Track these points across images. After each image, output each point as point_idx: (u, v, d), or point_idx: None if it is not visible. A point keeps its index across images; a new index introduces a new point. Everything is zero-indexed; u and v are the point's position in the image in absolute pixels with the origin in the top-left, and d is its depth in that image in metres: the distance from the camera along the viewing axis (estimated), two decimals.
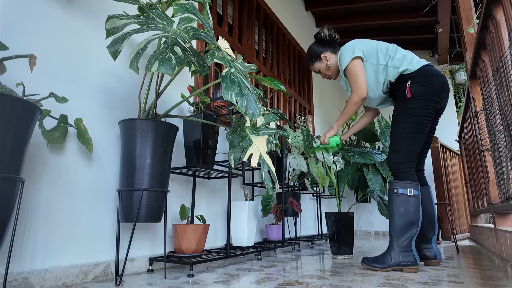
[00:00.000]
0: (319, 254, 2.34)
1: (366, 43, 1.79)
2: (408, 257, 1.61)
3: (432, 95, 1.67)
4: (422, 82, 1.68)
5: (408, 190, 1.65)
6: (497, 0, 1.37)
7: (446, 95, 1.73)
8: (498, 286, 1.26)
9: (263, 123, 1.61)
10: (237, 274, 1.54)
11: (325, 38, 1.92)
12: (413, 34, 4.80)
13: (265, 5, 3.43)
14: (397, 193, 1.66)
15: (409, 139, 1.68)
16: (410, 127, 1.68)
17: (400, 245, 1.62)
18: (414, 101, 1.68)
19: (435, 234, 1.83)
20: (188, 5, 1.29)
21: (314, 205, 3.93)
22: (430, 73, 1.69)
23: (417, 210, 1.63)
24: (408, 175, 1.69)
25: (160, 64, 1.06)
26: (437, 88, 1.68)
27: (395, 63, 1.73)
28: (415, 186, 1.66)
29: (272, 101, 3.46)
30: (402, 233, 1.63)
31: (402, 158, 1.69)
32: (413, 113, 1.68)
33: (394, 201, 1.67)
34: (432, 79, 1.68)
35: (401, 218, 1.63)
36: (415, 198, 1.64)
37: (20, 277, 1.15)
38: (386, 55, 1.75)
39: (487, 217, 5.17)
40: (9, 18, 1.23)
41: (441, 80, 1.70)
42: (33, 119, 0.99)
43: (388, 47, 1.78)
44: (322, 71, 1.96)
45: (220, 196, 2.29)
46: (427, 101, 1.67)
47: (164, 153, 1.40)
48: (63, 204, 1.34)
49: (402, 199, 1.65)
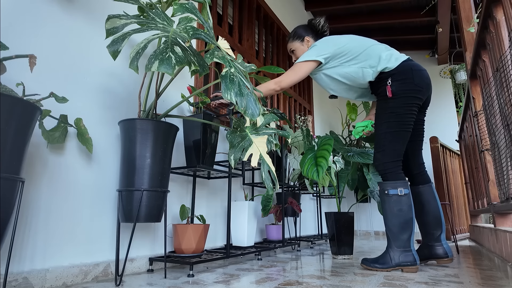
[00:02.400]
0: (319, 254, 2.34)
1: (337, 44, 1.77)
2: (408, 257, 1.60)
3: (414, 92, 1.67)
4: (402, 79, 1.68)
5: (399, 190, 1.64)
6: (497, 0, 1.37)
7: (427, 88, 1.72)
8: (498, 286, 1.26)
9: (263, 123, 1.61)
10: (237, 274, 1.54)
11: (317, 26, 1.93)
12: (413, 34, 4.80)
13: (265, 5, 3.43)
14: (388, 194, 1.66)
15: (393, 138, 1.68)
16: (393, 126, 1.68)
17: (400, 245, 1.62)
18: (395, 99, 1.68)
19: (443, 232, 1.81)
20: (188, 5, 1.29)
21: (314, 205, 3.93)
22: (410, 69, 1.69)
23: (410, 209, 1.63)
24: (395, 174, 1.68)
25: (160, 64, 1.06)
26: (417, 84, 1.67)
27: (371, 63, 1.72)
28: (404, 185, 1.65)
29: (272, 101, 3.46)
30: (399, 233, 1.62)
31: (388, 158, 1.69)
32: (395, 112, 1.68)
33: (387, 202, 1.66)
34: (412, 75, 1.67)
35: (396, 218, 1.63)
36: (407, 197, 1.64)
37: (20, 277, 1.15)
38: (359, 56, 1.74)
39: (487, 217, 5.17)
40: (9, 18, 1.23)
41: (421, 75, 1.70)
42: (33, 119, 0.99)
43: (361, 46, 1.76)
44: (296, 52, 1.96)
45: (220, 196, 2.29)
46: (409, 99, 1.67)
47: (164, 153, 1.40)
48: (63, 204, 1.34)
49: (394, 199, 1.64)
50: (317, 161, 2.02)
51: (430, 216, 1.83)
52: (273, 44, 3.64)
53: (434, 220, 1.82)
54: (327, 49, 1.76)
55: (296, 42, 1.95)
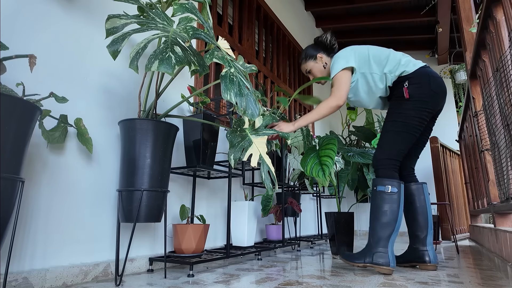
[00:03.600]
0: (319, 254, 2.34)
1: (359, 52, 1.77)
2: (381, 257, 1.54)
3: (428, 97, 1.65)
4: (418, 83, 1.66)
5: (386, 187, 1.60)
6: (497, 0, 1.37)
7: (442, 96, 1.71)
8: (498, 286, 1.26)
9: (262, 123, 1.61)
10: (237, 274, 1.54)
11: (325, 42, 1.91)
12: (413, 34, 4.80)
13: (265, 5, 3.43)
14: (376, 190, 1.63)
15: (395, 137, 1.66)
16: (398, 126, 1.66)
17: (376, 243, 1.57)
18: (409, 102, 1.66)
19: (429, 235, 1.72)
20: (188, 5, 1.29)
21: (314, 205, 3.93)
22: (427, 75, 1.67)
23: (395, 209, 1.57)
24: (387, 171, 1.65)
25: (160, 64, 1.06)
26: (434, 89, 1.66)
27: (391, 69, 1.72)
28: (393, 183, 1.60)
29: (272, 101, 3.46)
30: (378, 231, 1.58)
31: (384, 155, 1.67)
32: (405, 113, 1.66)
33: (373, 199, 1.64)
34: (429, 81, 1.66)
35: (378, 216, 1.59)
36: (393, 196, 1.59)
37: (20, 277, 1.15)
38: (380, 63, 1.73)
39: (487, 217, 5.17)
40: (9, 18, 1.23)
41: (438, 82, 1.68)
42: (33, 119, 0.99)
43: (381, 54, 1.75)
44: (313, 71, 1.94)
45: (220, 196, 2.29)
46: (422, 103, 1.65)
47: (164, 153, 1.40)
48: (63, 204, 1.34)
49: (381, 196, 1.61)
50: (322, 160, 2.00)
51: (417, 215, 1.76)
52: (273, 44, 3.64)
53: (421, 221, 1.75)
54: (352, 55, 1.76)
55: (310, 62, 1.94)
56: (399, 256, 1.79)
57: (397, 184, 1.60)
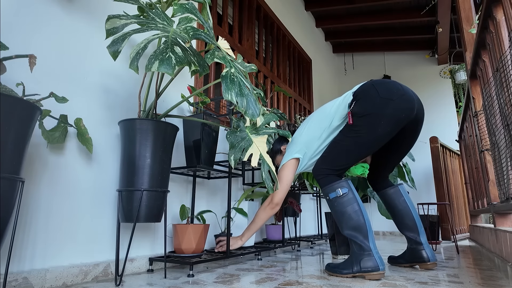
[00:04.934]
0: (319, 254, 2.34)
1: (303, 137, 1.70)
2: (368, 262, 1.43)
3: (380, 108, 1.48)
4: (364, 97, 1.52)
5: (337, 192, 1.51)
6: (497, 0, 1.37)
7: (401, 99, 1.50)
8: (498, 286, 1.26)
9: (263, 123, 1.61)
10: (237, 274, 1.54)
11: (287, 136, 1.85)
12: (413, 34, 4.81)
13: (265, 5, 3.43)
14: (329, 198, 1.54)
15: (340, 152, 1.56)
16: (347, 141, 1.54)
17: (357, 248, 1.48)
18: (358, 118, 1.51)
19: (421, 234, 1.70)
20: (188, 5, 1.29)
21: (314, 205, 3.93)
22: (371, 85, 1.55)
23: (356, 208, 1.49)
24: (329, 177, 1.56)
25: (160, 64, 1.06)
26: (384, 97, 1.49)
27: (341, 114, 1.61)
28: (340, 184, 1.52)
29: (272, 101, 3.46)
30: (354, 236, 1.48)
31: (325, 165, 1.58)
32: (354, 129, 1.52)
33: (332, 208, 1.55)
34: (375, 89, 1.52)
35: (346, 221, 1.50)
36: (348, 196, 1.50)
37: (20, 277, 1.15)
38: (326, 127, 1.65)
39: (487, 217, 5.17)
40: (9, 18, 1.23)
41: (387, 87, 1.52)
42: (33, 119, 0.99)
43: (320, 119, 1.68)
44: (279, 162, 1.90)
45: (220, 196, 2.29)
46: (372, 117, 1.48)
47: (164, 153, 1.40)
48: (63, 204, 1.34)
49: (337, 202, 1.52)
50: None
51: (402, 218, 1.72)
52: (273, 44, 3.64)
53: (408, 222, 1.71)
54: (299, 146, 1.70)
55: (278, 157, 1.92)
56: (398, 256, 1.79)
57: (344, 182, 1.53)
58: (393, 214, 1.78)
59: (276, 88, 2.74)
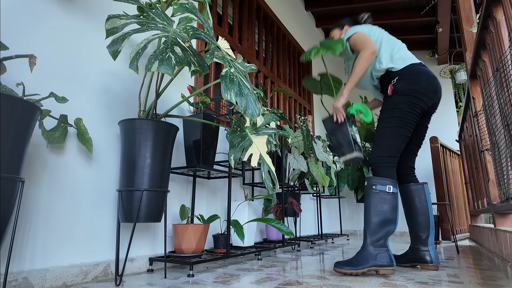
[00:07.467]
0: (319, 254, 2.34)
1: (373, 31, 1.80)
2: (384, 258, 1.51)
3: (418, 94, 1.64)
4: (409, 80, 1.66)
5: (387, 187, 1.56)
6: (497, 0, 1.37)
7: (434, 95, 1.69)
8: (498, 286, 1.26)
9: (263, 123, 1.61)
10: (237, 274, 1.54)
11: (359, 20, 1.98)
12: (413, 34, 4.80)
13: (265, 5, 3.43)
14: (375, 189, 1.58)
15: (391, 134, 1.64)
16: (393, 121, 1.65)
17: (374, 243, 1.53)
18: (400, 96, 1.66)
19: (430, 235, 1.72)
20: (188, 5, 1.29)
21: (314, 205, 3.93)
22: (418, 72, 1.67)
23: (394, 209, 1.56)
24: (387, 170, 1.62)
25: (160, 64, 1.06)
26: (424, 87, 1.65)
27: (381, 58, 1.74)
28: (394, 183, 1.58)
29: (272, 101, 3.46)
30: (377, 231, 1.53)
31: (383, 153, 1.63)
32: (398, 107, 1.65)
33: (372, 198, 1.58)
34: (420, 78, 1.65)
35: (377, 215, 1.55)
36: (393, 196, 1.57)
37: (20, 277, 1.15)
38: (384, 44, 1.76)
39: (487, 217, 5.17)
40: (9, 18, 1.23)
41: (429, 81, 1.66)
42: (33, 119, 0.99)
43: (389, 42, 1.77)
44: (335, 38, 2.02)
45: (220, 196, 2.29)
46: (413, 98, 1.64)
47: (164, 153, 1.40)
48: (63, 204, 1.34)
49: (380, 196, 1.56)
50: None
51: (418, 216, 1.75)
52: (273, 44, 3.64)
53: (422, 221, 1.74)
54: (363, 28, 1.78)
55: (336, 30, 2.02)
56: (400, 256, 1.79)
57: (396, 184, 1.60)
58: (409, 210, 1.80)
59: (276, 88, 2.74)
